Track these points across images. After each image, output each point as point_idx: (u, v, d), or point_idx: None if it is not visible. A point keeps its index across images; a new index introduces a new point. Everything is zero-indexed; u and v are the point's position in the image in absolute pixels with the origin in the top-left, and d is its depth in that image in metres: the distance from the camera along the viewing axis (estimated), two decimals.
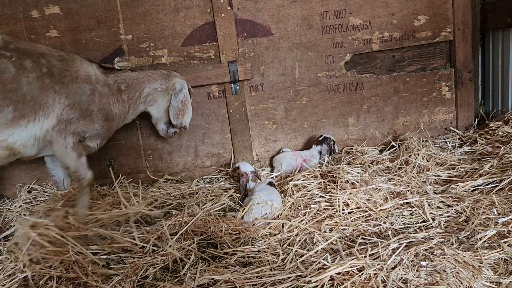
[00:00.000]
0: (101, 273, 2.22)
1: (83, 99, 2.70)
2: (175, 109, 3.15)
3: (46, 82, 2.56)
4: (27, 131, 2.53)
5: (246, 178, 3.09)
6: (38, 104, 2.53)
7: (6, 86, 2.42)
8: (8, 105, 2.43)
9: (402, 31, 3.77)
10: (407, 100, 3.92)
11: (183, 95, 3.16)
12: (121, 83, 2.98)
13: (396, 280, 1.93)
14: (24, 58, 2.52)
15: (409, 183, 3.00)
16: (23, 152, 2.61)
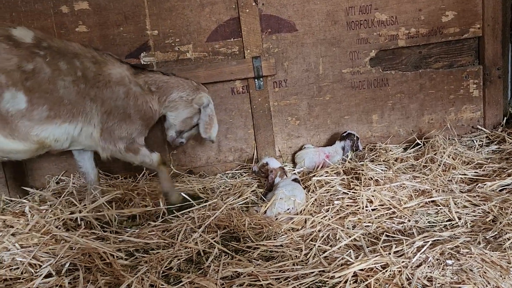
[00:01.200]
0: (127, 264, 2.27)
1: (118, 104, 2.73)
2: (204, 123, 3.18)
3: (82, 87, 2.61)
4: (60, 129, 2.59)
5: (275, 174, 3.07)
6: (77, 110, 2.61)
7: (41, 87, 2.47)
8: (43, 104, 2.49)
9: (429, 27, 3.71)
10: (433, 98, 3.85)
11: (210, 110, 3.19)
12: (151, 85, 3.00)
13: (421, 278, 1.91)
14: (58, 58, 2.55)
15: (435, 182, 2.96)
16: (54, 146, 2.67)
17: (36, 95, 2.46)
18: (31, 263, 2.27)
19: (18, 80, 2.40)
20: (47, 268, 2.20)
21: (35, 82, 2.45)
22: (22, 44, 2.45)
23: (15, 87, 2.40)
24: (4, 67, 2.37)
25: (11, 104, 2.41)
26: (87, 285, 2.05)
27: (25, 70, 2.42)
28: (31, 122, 2.48)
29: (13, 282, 2.19)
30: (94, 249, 2.32)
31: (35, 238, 2.39)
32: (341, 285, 1.93)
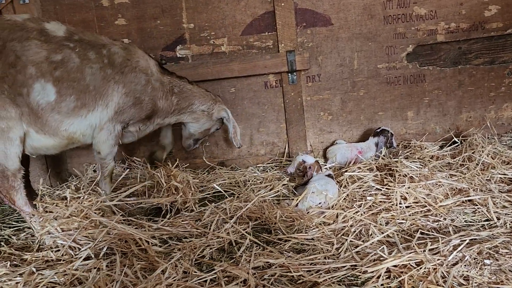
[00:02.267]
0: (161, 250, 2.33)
1: (138, 88, 2.82)
2: (232, 134, 3.36)
3: (108, 72, 2.70)
4: (86, 121, 2.69)
5: (313, 169, 3.03)
6: (99, 94, 2.68)
7: (70, 75, 2.57)
8: (71, 94, 2.58)
9: (471, 22, 3.59)
10: (472, 95, 3.74)
11: (232, 120, 3.36)
12: (175, 86, 3.09)
13: (457, 277, 1.87)
14: (88, 49, 2.66)
15: (472, 180, 2.88)
16: (82, 140, 2.79)
17: (64, 85, 2.55)
18: (71, 246, 2.37)
19: (47, 71, 2.50)
20: (86, 251, 2.29)
21: (64, 71, 2.55)
22: (53, 38, 2.56)
23: (44, 78, 2.50)
24: (34, 60, 2.48)
25: (41, 96, 2.51)
26: (124, 269, 2.11)
27: (53, 60, 2.52)
28: (60, 115, 2.58)
29: (54, 263, 2.29)
30: (130, 235, 2.40)
31: (75, 222, 2.48)
32: (374, 280, 1.91)
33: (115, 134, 2.80)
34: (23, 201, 2.56)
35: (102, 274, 2.07)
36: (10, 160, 2.47)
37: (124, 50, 2.82)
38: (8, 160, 2.47)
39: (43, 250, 2.38)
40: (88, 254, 2.28)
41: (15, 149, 2.48)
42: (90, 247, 2.33)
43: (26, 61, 2.46)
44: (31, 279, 2.10)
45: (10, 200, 2.53)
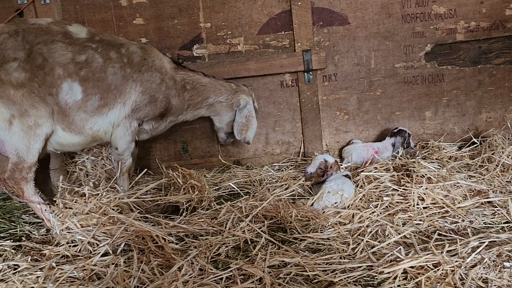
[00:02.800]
0: (178, 248, 2.35)
1: (153, 87, 2.89)
2: (239, 125, 3.28)
3: (128, 71, 2.80)
4: (107, 119, 2.79)
5: (334, 168, 2.99)
6: (119, 92, 2.78)
7: (95, 75, 2.69)
8: (96, 93, 2.71)
9: (491, 21, 3.53)
10: (492, 95, 3.68)
11: (247, 111, 3.26)
12: (187, 83, 3.10)
13: (475, 279, 1.84)
14: (109, 49, 2.77)
15: (492, 182, 2.83)
16: (105, 138, 2.89)
17: (90, 85, 2.68)
18: (90, 242, 2.41)
19: (74, 71, 2.63)
20: (104, 247, 2.32)
21: (88, 71, 2.67)
22: (77, 40, 2.69)
23: (70, 78, 2.63)
24: (61, 61, 2.61)
25: (69, 96, 2.64)
26: (141, 265, 2.14)
27: (78, 61, 2.65)
28: (86, 114, 2.70)
29: (73, 258, 2.33)
30: (147, 232, 2.42)
31: (94, 219, 2.52)
32: (390, 281, 1.90)
33: (131, 130, 2.87)
34: (32, 191, 2.63)
35: (119, 270, 2.10)
36: (31, 155, 2.57)
37: (141, 49, 2.91)
38: (29, 154, 2.57)
39: (61, 245, 2.42)
40: (106, 250, 2.32)
41: (38, 145, 2.58)
42: (108, 243, 2.36)
43: (53, 63, 2.59)
44: (51, 274, 2.14)
45: (19, 190, 2.59)
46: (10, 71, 2.51)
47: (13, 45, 2.54)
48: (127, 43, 2.88)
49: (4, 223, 2.94)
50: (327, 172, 2.95)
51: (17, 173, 2.57)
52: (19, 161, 2.57)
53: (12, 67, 2.51)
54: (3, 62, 2.51)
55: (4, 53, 2.52)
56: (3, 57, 2.52)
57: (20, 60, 2.53)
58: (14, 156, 2.57)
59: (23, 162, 2.57)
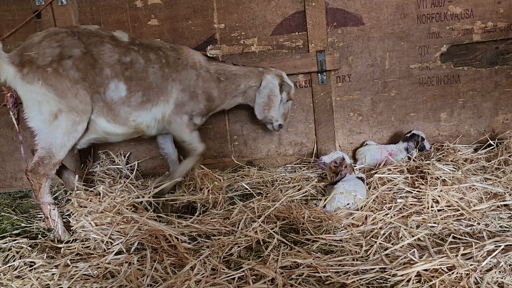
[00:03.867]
0: (190, 247, 2.37)
1: (191, 84, 3.07)
2: (259, 105, 3.29)
3: (166, 71, 2.99)
4: (151, 114, 2.97)
5: (349, 169, 2.97)
6: (160, 91, 2.98)
7: (138, 75, 2.89)
8: (139, 90, 2.89)
9: (509, 21, 3.47)
10: (509, 96, 3.62)
11: (268, 89, 3.25)
12: (220, 74, 3.22)
13: (491, 283, 1.82)
14: (148, 51, 2.97)
15: (508, 185, 2.79)
16: (146, 132, 3.06)
17: (133, 83, 2.87)
18: (104, 240, 2.44)
19: (120, 72, 2.83)
20: (118, 246, 2.35)
21: (132, 71, 2.87)
22: (121, 43, 2.90)
23: (117, 77, 2.82)
24: (109, 62, 2.81)
25: (115, 93, 2.83)
26: (154, 264, 2.16)
27: (124, 62, 2.85)
28: (129, 108, 2.88)
29: (88, 256, 2.36)
30: (160, 231, 2.45)
31: (108, 217, 2.55)
32: (403, 284, 1.88)
33: (185, 123, 3.06)
34: (47, 189, 2.67)
35: (133, 269, 2.12)
36: (62, 152, 2.67)
37: (173, 51, 3.09)
38: (61, 151, 2.66)
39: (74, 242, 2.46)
40: (120, 249, 2.35)
41: (72, 142, 2.71)
42: (122, 242, 2.39)
43: (103, 64, 2.79)
44: (66, 271, 2.18)
45: (37, 184, 2.61)
46: (66, 68, 2.67)
47: (70, 43, 2.72)
48: (163, 46, 3.07)
49: (21, 220, 2.99)
50: (340, 172, 2.93)
51: (41, 168, 2.61)
52: (47, 156, 2.62)
53: (68, 64, 2.68)
54: (62, 58, 2.67)
55: (63, 50, 2.69)
56: (62, 53, 2.68)
57: (75, 58, 2.70)
58: (43, 151, 2.63)
59: (51, 158, 2.63)
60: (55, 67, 2.63)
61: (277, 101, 3.29)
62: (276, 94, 3.27)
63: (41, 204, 2.66)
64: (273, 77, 3.29)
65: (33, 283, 2.10)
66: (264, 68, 3.35)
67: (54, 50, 2.66)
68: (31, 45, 2.67)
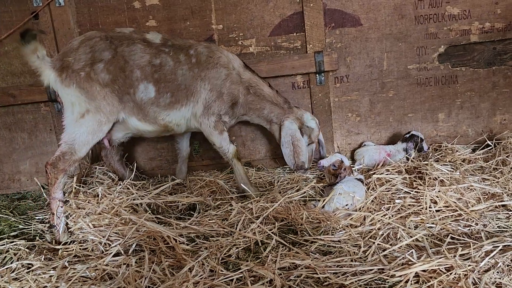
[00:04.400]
0: (189, 249, 2.36)
1: (218, 83, 3.08)
2: (287, 155, 3.28)
3: (196, 71, 3.04)
4: (179, 113, 3.05)
5: (348, 172, 2.97)
6: (190, 92, 3.04)
7: (166, 77, 2.96)
8: (167, 92, 2.97)
9: (506, 22, 3.48)
10: (507, 97, 3.62)
11: (290, 137, 3.24)
12: (251, 86, 3.23)
13: (489, 284, 1.82)
14: (178, 53, 3.02)
15: (506, 185, 2.79)
16: (176, 129, 3.15)
17: (162, 85, 2.95)
18: (102, 242, 2.43)
19: (149, 74, 2.91)
20: (116, 247, 2.35)
21: (161, 73, 2.94)
22: (153, 45, 2.97)
23: (146, 79, 2.91)
24: (139, 64, 2.89)
25: (144, 94, 2.92)
26: (152, 265, 2.16)
27: (154, 64, 2.92)
28: (158, 108, 2.98)
29: (85, 258, 2.36)
30: (158, 233, 2.44)
31: (106, 219, 2.55)
32: (402, 285, 1.88)
33: (213, 125, 3.09)
34: (61, 185, 2.72)
35: (131, 270, 2.12)
36: (84, 149, 2.76)
37: (207, 48, 3.12)
38: (83, 148, 2.75)
39: (72, 244, 2.46)
40: (118, 250, 2.34)
41: (95, 141, 2.81)
42: (120, 244, 2.39)
43: (133, 65, 2.88)
44: (63, 273, 2.17)
45: (53, 178, 2.66)
46: (97, 72, 2.79)
47: (101, 47, 2.84)
48: (195, 44, 3.12)
49: (18, 222, 2.99)
50: (340, 175, 2.93)
51: (61, 163, 2.68)
52: (69, 152, 2.71)
53: (99, 67, 2.79)
54: (94, 63, 2.79)
55: (94, 54, 2.81)
56: (94, 57, 2.80)
57: (105, 61, 2.81)
58: (66, 146, 2.72)
59: (73, 155, 2.72)
60: (88, 71, 2.77)
61: (303, 145, 3.27)
62: (299, 138, 3.25)
63: (51, 199, 2.69)
64: (291, 122, 3.27)
65: (31, 285, 2.10)
66: (289, 106, 3.34)
67: (87, 54, 2.80)
68: (70, 50, 2.81)
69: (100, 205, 2.70)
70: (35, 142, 3.79)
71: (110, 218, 2.55)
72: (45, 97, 3.62)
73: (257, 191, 3.14)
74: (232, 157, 3.16)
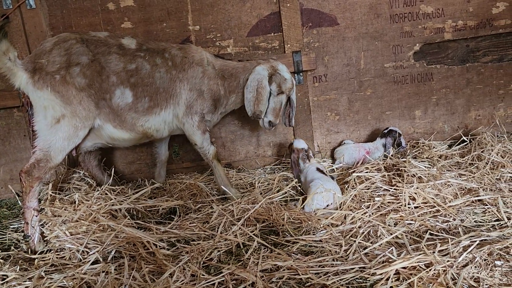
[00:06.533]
0: (169, 254, 2.33)
1: (197, 81, 3.04)
2: (248, 100, 3.11)
3: (173, 73, 2.99)
4: (159, 118, 2.99)
5: (297, 154, 3.14)
6: (168, 94, 2.98)
7: (144, 81, 2.91)
8: (145, 96, 2.91)
9: (478, 19, 3.56)
10: (480, 93, 3.70)
11: (256, 82, 3.06)
12: (224, 71, 3.15)
13: (467, 278, 1.85)
14: (154, 56, 2.97)
15: (482, 180, 2.85)
16: (156, 135, 3.08)
17: (139, 89, 2.89)
18: (79, 250, 2.38)
19: (125, 79, 2.85)
20: (94, 255, 2.30)
21: (138, 77, 2.89)
22: (128, 51, 2.91)
23: (122, 84, 2.85)
24: (115, 70, 2.84)
25: (121, 99, 2.86)
26: (132, 272, 2.12)
27: (129, 69, 2.86)
28: (137, 113, 2.91)
29: (63, 267, 2.30)
30: (138, 239, 2.40)
31: (84, 226, 2.49)
32: (383, 283, 1.90)
33: (196, 124, 3.05)
34: (36, 193, 2.64)
35: (110, 278, 2.08)
36: (60, 156, 2.70)
37: (180, 50, 3.08)
38: (59, 155, 2.69)
39: (48, 253, 2.39)
40: (96, 258, 2.29)
41: (71, 146, 2.75)
42: (99, 251, 2.34)
43: (109, 71, 2.83)
44: (40, 283, 2.11)
45: (28, 187, 2.59)
46: (73, 75, 2.71)
47: (78, 51, 2.76)
48: (169, 47, 3.07)
49: None
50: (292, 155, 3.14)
51: (36, 171, 2.61)
52: (44, 159, 2.63)
53: (75, 71, 2.72)
54: (69, 66, 2.72)
55: (70, 57, 2.73)
56: (70, 61, 2.72)
57: (82, 65, 2.74)
58: (41, 153, 2.64)
59: (48, 162, 2.64)
60: (63, 74, 2.69)
61: (265, 94, 3.09)
62: (263, 86, 3.08)
63: (25, 208, 2.60)
64: (263, 68, 3.13)
65: None
66: (265, 60, 3.23)
67: (63, 57, 2.72)
68: (43, 52, 2.72)
69: (77, 212, 2.64)
70: (8, 148, 3.68)
71: (88, 225, 2.50)
72: (18, 102, 3.52)
73: (238, 192, 3.13)
74: (212, 158, 3.14)
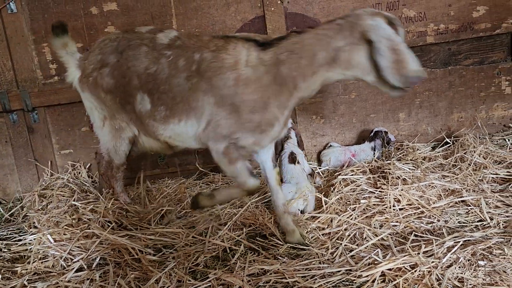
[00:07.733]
0: (155, 260, 2.31)
1: (225, 93, 2.27)
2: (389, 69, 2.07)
3: (194, 81, 2.36)
4: (179, 128, 2.49)
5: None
6: (189, 106, 2.40)
7: (160, 88, 2.47)
8: (161, 104, 2.49)
9: (459, 23, 3.62)
10: (462, 95, 3.76)
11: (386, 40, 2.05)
12: (280, 54, 2.22)
13: (451, 279, 1.87)
14: (180, 57, 2.42)
15: (465, 181, 2.89)
16: (181, 146, 2.68)
17: (156, 96, 2.51)
18: (63, 257, 2.34)
19: (144, 83, 2.52)
20: (78, 262, 2.26)
21: (154, 83, 2.49)
22: (158, 46, 2.50)
23: (141, 89, 2.55)
24: (138, 71, 2.52)
25: (142, 105, 2.58)
26: (117, 279, 2.09)
27: (149, 73, 2.50)
28: (155, 122, 2.58)
29: (46, 275, 2.26)
30: (123, 245, 2.37)
31: (68, 233, 2.46)
32: (369, 285, 1.91)
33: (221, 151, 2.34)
34: (120, 189, 2.95)
35: (95, 286, 2.05)
36: (118, 156, 2.83)
37: (213, 52, 2.33)
38: (116, 155, 2.83)
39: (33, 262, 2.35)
40: (81, 265, 2.26)
41: (123, 147, 2.81)
42: (83, 258, 2.30)
43: (133, 72, 2.54)
44: None
45: (109, 186, 2.95)
46: (103, 76, 2.63)
47: (108, 50, 2.63)
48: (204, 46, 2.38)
49: None
50: None
51: (109, 171, 2.87)
52: (109, 160, 2.86)
53: (105, 72, 2.62)
54: (102, 66, 2.63)
55: (103, 57, 2.63)
56: (102, 61, 2.63)
57: (110, 65, 2.61)
58: (106, 155, 2.87)
59: (112, 162, 2.85)
60: (95, 76, 2.65)
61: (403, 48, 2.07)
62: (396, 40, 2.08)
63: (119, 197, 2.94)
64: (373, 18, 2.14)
65: None
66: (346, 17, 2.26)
67: (97, 56, 2.66)
68: (90, 51, 2.73)
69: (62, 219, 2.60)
70: None
71: (72, 232, 2.46)
72: None
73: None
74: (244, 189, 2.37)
